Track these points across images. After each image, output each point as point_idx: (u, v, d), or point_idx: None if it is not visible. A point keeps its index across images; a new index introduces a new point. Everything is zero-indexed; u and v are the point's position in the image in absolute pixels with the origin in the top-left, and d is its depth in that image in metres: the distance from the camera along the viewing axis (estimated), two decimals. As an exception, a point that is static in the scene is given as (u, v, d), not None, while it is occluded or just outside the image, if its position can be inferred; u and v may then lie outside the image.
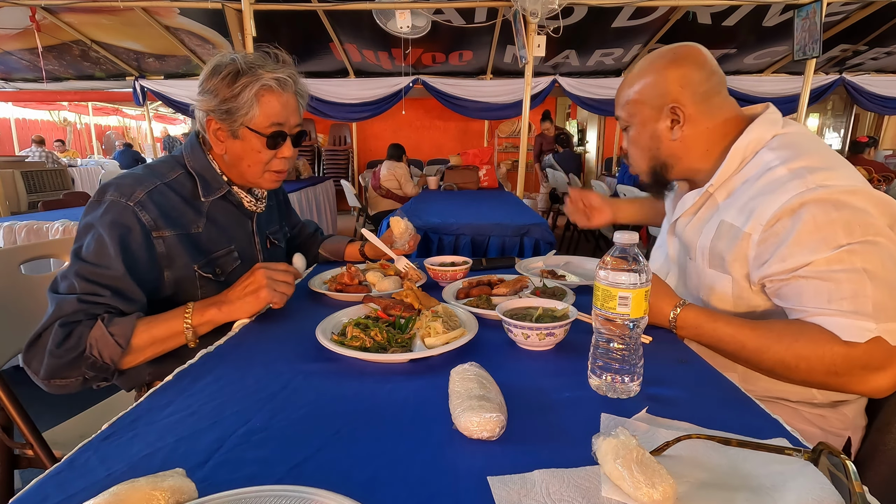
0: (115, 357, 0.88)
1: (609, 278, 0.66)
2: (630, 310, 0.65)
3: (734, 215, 0.89)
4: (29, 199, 4.88)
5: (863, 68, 5.90)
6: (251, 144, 1.07)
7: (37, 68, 5.51)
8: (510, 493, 0.48)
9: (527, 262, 1.41)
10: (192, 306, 0.94)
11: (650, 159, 1.02)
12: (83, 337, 0.86)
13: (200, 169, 1.10)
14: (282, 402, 0.67)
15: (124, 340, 0.87)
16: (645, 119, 0.98)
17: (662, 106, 0.95)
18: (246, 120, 1.05)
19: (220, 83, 1.03)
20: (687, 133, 0.96)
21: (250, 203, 1.18)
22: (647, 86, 0.97)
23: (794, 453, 0.50)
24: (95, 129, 12.26)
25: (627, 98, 1.00)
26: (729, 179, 0.93)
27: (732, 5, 4.13)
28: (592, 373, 0.70)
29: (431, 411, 0.64)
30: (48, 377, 0.86)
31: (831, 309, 0.77)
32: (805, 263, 0.78)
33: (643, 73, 0.98)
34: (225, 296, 0.97)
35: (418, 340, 0.86)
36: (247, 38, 3.60)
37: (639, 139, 1.01)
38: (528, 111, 3.94)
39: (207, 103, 1.05)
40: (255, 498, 0.44)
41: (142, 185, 1.00)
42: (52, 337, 0.85)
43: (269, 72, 1.04)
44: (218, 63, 1.05)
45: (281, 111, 1.07)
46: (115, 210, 0.95)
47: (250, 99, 1.03)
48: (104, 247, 0.92)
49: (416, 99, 6.99)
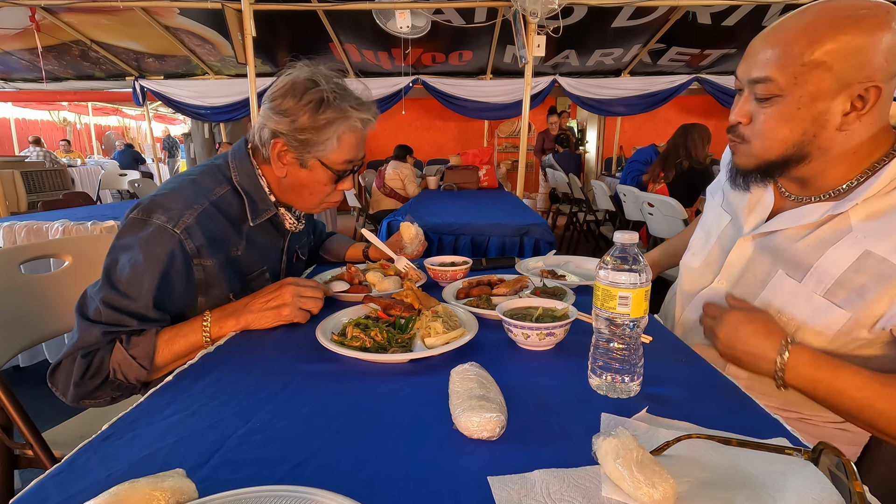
0: (140, 377, 0.87)
1: (609, 278, 0.66)
2: (630, 309, 0.65)
3: (889, 248, 0.70)
4: (29, 199, 4.88)
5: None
6: (318, 177, 1.03)
7: (37, 68, 5.50)
8: (510, 493, 0.48)
9: (527, 262, 1.41)
10: (209, 317, 0.91)
11: (793, 146, 0.76)
12: (105, 361, 0.85)
13: (249, 188, 1.04)
14: (282, 402, 0.67)
15: (147, 362, 0.86)
16: (821, 92, 0.71)
17: (853, 81, 0.69)
18: (321, 154, 1.00)
19: (301, 108, 0.96)
20: (861, 127, 0.73)
21: (291, 224, 1.15)
22: (848, 46, 0.68)
23: (794, 453, 0.50)
24: (95, 129, 12.26)
25: (800, 55, 0.71)
26: (872, 199, 0.74)
27: (732, 5, 4.13)
28: (592, 373, 0.70)
29: (431, 411, 0.64)
30: (75, 401, 0.86)
31: None
32: None
33: (840, 27, 0.68)
34: (245, 306, 0.92)
35: (418, 340, 0.86)
36: (247, 38, 3.60)
37: (795, 117, 0.74)
38: (528, 111, 3.94)
39: (280, 125, 0.97)
40: (255, 498, 0.44)
41: (191, 209, 0.93)
42: (75, 368, 0.84)
43: (355, 108, 0.99)
44: (296, 81, 0.98)
45: (356, 149, 1.03)
46: (161, 238, 0.89)
47: (333, 137, 0.98)
48: (139, 276, 0.87)
49: (416, 99, 6.99)
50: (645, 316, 0.67)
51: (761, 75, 0.75)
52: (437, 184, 4.75)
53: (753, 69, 0.77)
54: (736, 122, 0.82)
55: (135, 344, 0.86)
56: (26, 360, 2.45)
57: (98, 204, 4.60)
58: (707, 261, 0.98)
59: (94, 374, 0.85)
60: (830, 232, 0.77)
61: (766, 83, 0.75)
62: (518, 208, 3.16)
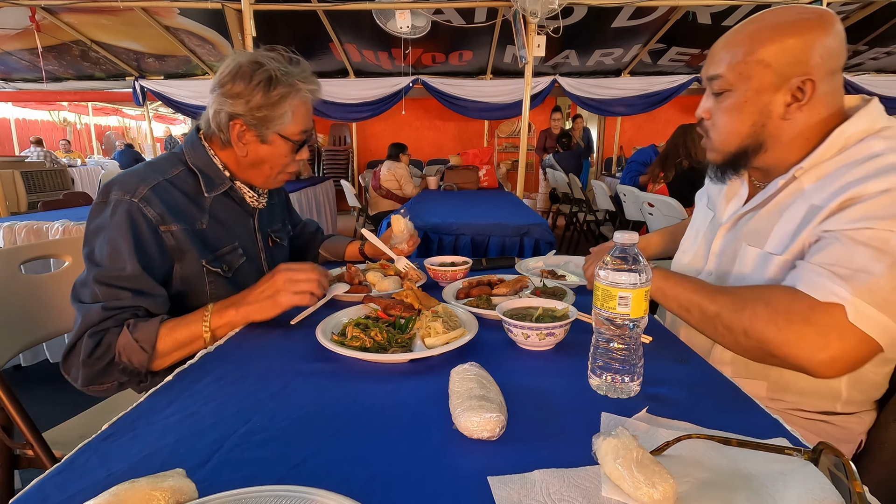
0: (143, 362, 0.89)
1: (609, 278, 0.66)
2: (630, 310, 0.65)
3: (825, 198, 0.78)
4: (29, 199, 4.88)
5: (863, 68, 5.90)
6: (279, 150, 1.09)
7: (37, 68, 5.51)
8: (510, 493, 0.48)
9: (526, 262, 1.41)
10: (210, 309, 0.94)
11: (747, 136, 0.86)
12: (112, 345, 0.89)
13: (202, 165, 1.09)
14: (282, 402, 0.67)
15: (149, 346, 0.89)
16: (764, 86, 0.82)
17: (792, 76, 0.80)
18: (279, 128, 1.06)
19: (251, 88, 1.02)
20: (802, 116, 0.82)
21: (252, 199, 1.17)
22: (784, 47, 0.79)
23: (794, 453, 0.50)
24: (95, 129, 12.26)
25: (745, 55, 0.82)
26: (822, 164, 0.82)
27: (732, 5, 4.13)
28: (592, 373, 0.70)
29: (431, 411, 0.64)
30: (86, 385, 0.90)
31: (825, 268, 0.71)
32: (851, 228, 0.71)
33: (780, 31, 0.79)
34: (244, 297, 0.96)
35: (418, 340, 0.86)
36: (247, 38, 3.60)
37: (742, 109, 0.85)
38: (528, 111, 3.94)
39: (234, 106, 1.03)
40: (255, 498, 0.44)
41: (144, 182, 0.99)
42: (83, 347, 0.88)
43: (304, 83, 1.07)
44: (241, 63, 1.03)
45: (308, 118, 1.11)
46: (122, 208, 0.95)
47: (288, 110, 1.05)
48: (117, 248, 0.93)
49: (416, 99, 6.99)
50: (645, 316, 0.67)
51: (715, 73, 0.87)
52: (437, 184, 4.75)
53: (710, 68, 0.88)
54: (700, 117, 0.93)
55: (139, 329, 0.90)
56: (27, 359, 2.46)
57: (98, 204, 4.58)
58: (696, 255, 1.06)
59: (101, 354, 0.88)
60: (787, 198, 0.86)
61: (719, 79, 0.86)
62: (518, 208, 3.16)
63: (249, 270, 1.12)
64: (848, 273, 0.69)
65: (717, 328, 0.79)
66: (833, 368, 0.69)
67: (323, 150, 8.25)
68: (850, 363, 0.68)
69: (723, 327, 0.78)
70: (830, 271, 0.71)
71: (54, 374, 2.51)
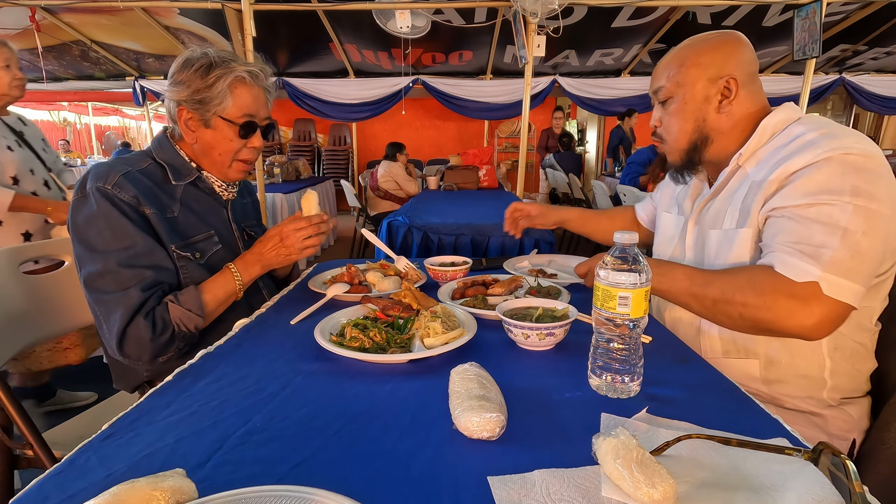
0: (199, 325, 1.02)
1: (609, 278, 0.66)
2: (630, 310, 0.65)
3: (764, 173, 0.93)
4: (29, 199, 4.87)
5: (862, 68, 5.90)
6: (223, 134, 1.12)
7: (37, 68, 5.50)
8: (510, 493, 0.48)
9: (513, 260, 1.42)
10: (234, 267, 1.09)
11: (692, 132, 1.02)
12: (167, 320, 0.98)
13: (168, 158, 1.14)
14: (282, 402, 0.67)
15: (200, 310, 1.01)
16: (696, 90, 0.99)
17: (717, 78, 0.97)
18: (219, 110, 1.10)
19: (192, 75, 1.07)
20: (733, 109, 0.98)
21: (221, 189, 1.21)
22: (704, 58, 0.98)
23: (795, 453, 0.50)
24: (95, 129, 12.25)
25: (678, 67, 1.00)
26: (757, 151, 0.97)
27: (732, 5, 4.12)
28: (592, 373, 0.70)
29: (431, 411, 0.64)
30: (152, 359, 0.99)
31: (792, 248, 0.82)
32: (798, 204, 0.83)
33: (698, 47, 0.99)
34: (261, 254, 1.10)
35: (417, 341, 0.86)
36: (247, 38, 3.60)
37: (684, 109, 1.01)
38: (528, 111, 3.93)
39: (179, 93, 1.08)
40: (255, 498, 0.44)
41: (114, 170, 1.04)
42: (144, 329, 0.96)
43: (241, 65, 1.10)
44: (189, 56, 1.09)
45: (252, 103, 1.12)
46: (101, 197, 1.00)
47: (224, 90, 1.08)
48: (117, 229, 0.99)
49: (416, 99, 6.99)
50: (645, 316, 0.67)
51: (658, 86, 1.04)
52: (437, 184, 4.75)
53: (653, 84, 1.05)
54: (653, 126, 1.09)
55: (184, 300, 1.00)
56: (26, 360, 2.45)
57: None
58: (673, 254, 1.15)
59: (161, 330, 0.98)
60: (735, 182, 1.00)
61: (662, 90, 1.03)
62: (518, 208, 3.16)
63: (226, 257, 1.15)
64: (812, 250, 0.80)
65: (715, 316, 0.90)
66: (820, 330, 0.81)
67: (323, 150, 8.25)
68: (833, 323, 0.81)
69: (721, 315, 0.89)
70: (798, 250, 0.82)
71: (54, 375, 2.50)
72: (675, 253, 1.14)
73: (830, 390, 0.92)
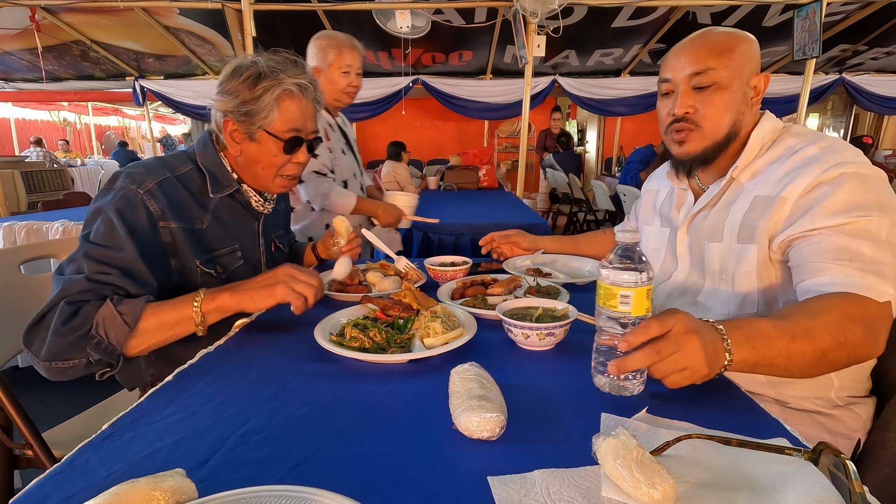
0: (120, 338, 0.84)
1: (611, 277, 0.66)
2: (631, 308, 0.65)
3: (769, 189, 0.92)
4: (29, 199, 4.88)
5: (862, 68, 5.89)
6: (267, 148, 1.08)
7: (37, 68, 5.50)
8: (510, 493, 0.48)
9: (513, 260, 1.42)
10: (202, 292, 0.92)
11: (730, 125, 0.96)
12: (90, 316, 0.84)
13: (211, 166, 1.10)
14: (282, 402, 0.67)
15: (132, 320, 0.85)
16: (745, 81, 0.95)
17: (754, 73, 0.96)
18: (265, 123, 1.05)
19: (240, 85, 1.03)
20: (750, 112, 0.97)
21: (258, 203, 1.18)
22: (750, 50, 0.95)
23: (794, 453, 0.50)
24: (95, 129, 12.25)
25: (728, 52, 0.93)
26: (752, 163, 0.97)
27: (732, 5, 4.13)
28: (596, 371, 0.70)
29: (431, 411, 0.64)
30: (50, 358, 0.83)
31: (850, 264, 0.79)
32: (834, 224, 0.82)
33: (742, 37, 0.95)
34: (241, 284, 0.95)
35: (417, 341, 0.86)
36: (247, 38, 3.60)
37: (733, 99, 0.95)
38: (528, 111, 3.93)
39: (226, 104, 1.05)
40: (255, 498, 0.44)
41: (152, 175, 1.00)
42: (57, 315, 0.83)
43: (290, 77, 1.05)
44: (239, 65, 1.05)
45: (299, 117, 1.08)
46: (126, 196, 0.95)
47: (271, 103, 1.04)
48: (114, 230, 0.92)
49: (416, 99, 6.98)
50: (647, 315, 0.67)
51: (701, 68, 0.94)
52: (437, 184, 4.75)
53: (691, 65, 0.95)
54: (683, 113, 0.98)
55: (124, 303, 0.86)
56: (26, 360, 2.45)
57: (98, 204, 4.59)
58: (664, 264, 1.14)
59: (76, 325, 0.83)
60: (731, 195, 0.99)
61: (707, 72, 0.94)
62: (518, 208, 3.16)
63: (245, 273, 1.11)
64: (871, 267, 0.78)
65: (819, 367, 0.75)
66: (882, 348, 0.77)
67: (323, 150, 8.24)
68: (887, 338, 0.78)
69: (826, 366, 0.75)
70: (859, 269, 0.79)
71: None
72: (665, 265, 1.12)
73: (838, 389, 0.92)
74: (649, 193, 1.26)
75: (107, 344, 0.84)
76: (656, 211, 1.20)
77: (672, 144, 1.03)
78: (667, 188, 1.18)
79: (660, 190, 1.22)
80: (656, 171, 1.29)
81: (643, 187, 1.32)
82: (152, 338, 0.88)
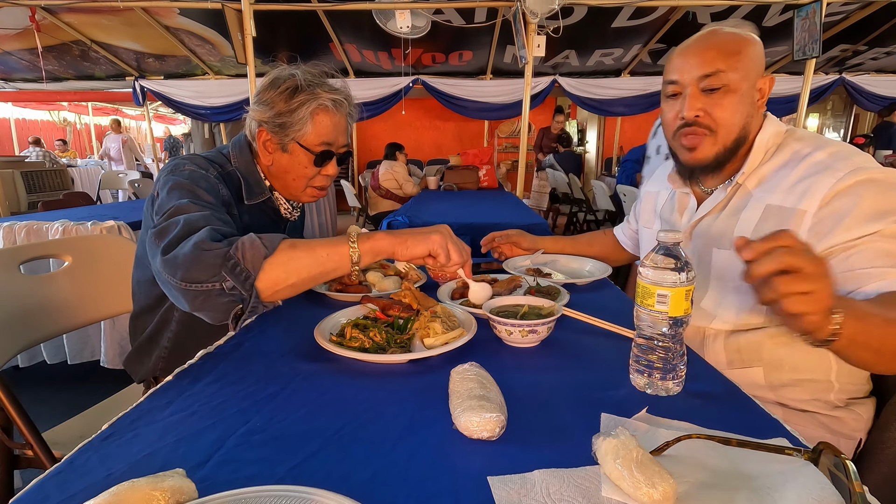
0: (256, 263, 0.80)
1: (650, 276, 0.65)
2: (669, 308, 0.65)
3: (781, 198, 0.90)
4: (29, 199, 4.87)
5: (862, 68, 5.90)
6: (299, 159, 1.10)
7: (37, 68, 5.50)
8: (510, 493, 0.48)
9: (513, 260, 1.42)
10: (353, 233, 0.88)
11: (741, 129, 0.94)
12: (233, 242, 0.82)
13: (245, 171, 1.12)
14: (282, 402, 0.67)
15: (271, 245, 0.82)
16: (752, 83, 0.93)
17: (760, 75, 0.94)
18: (298, 136, 1.07)
19: (277, 96, 1.05)
20: (756, 115, 0.95)
21: (287, 210, 1.20)
22: (757, 52, 0.93)
23: (794, 453, 0.50)
24: (95, 129, 12.25)
25: (737, 54, 0.91)
26: (758, 169, 0.96)
27: (732, 5, 4.13)
28: (633, 370, 0.70)
29: (431, 411, 0.64)
30: (186, 270, 0.80)
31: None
32: (872, 231, 0.80)
33: (749, 39, 0.93)
34: (394, 231, 0.91)
35: (417, 341, 0.86)
36: (247, 38, 3.60)
37: (743, 102, 0.93)
38: (528, 111, 3.93)
39: (262, 114, 1.07)
40: (255, 498, 0.44)
41: (213, 167, 1.05)
42: (204, 235, 0.83)
43: (326, 91, 1.07)
44: (277, 76, 1.07)
45: (332, 131, 1.09)
46: (201, 174, 1.00)
47: (305, 116, 1.05)
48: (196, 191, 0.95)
49: (416, 99, 6.99)
50: (686, 315, 0.66)
51: (710, 70, 0.91)
52: (437, 184, 4.75)
53: (700, 67, 0.92)
54: (693, 116, 0.95)
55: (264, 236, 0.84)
56: (25, 360, 2.45)
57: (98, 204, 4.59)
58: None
59: (220, 245, 0.82)
60: (738, 201, 0.97)
61: (717, 74, 0.91)
62: (518, 208, 3.16)
63: None
64: None
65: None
66: None
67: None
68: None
69: None
70: None
71: (54, 375, 2.51)
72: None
73: (838, 392, 0.91)
74: (649, 196, 1.25)
75: (241, 267, 0.80)
76: (657, 214, 1.20)
77: (681, 150, 1.00)
78: (667, 191, 1.17)
79: (660, 192, 1.20)
80: (656, 172, 1.28)
81: (642, 189, 1.30)
82: (290, 274, 0.83)
